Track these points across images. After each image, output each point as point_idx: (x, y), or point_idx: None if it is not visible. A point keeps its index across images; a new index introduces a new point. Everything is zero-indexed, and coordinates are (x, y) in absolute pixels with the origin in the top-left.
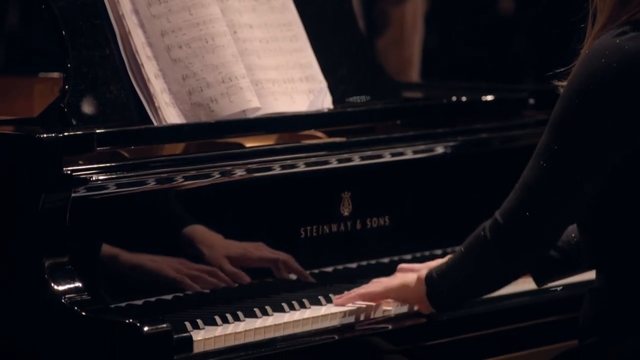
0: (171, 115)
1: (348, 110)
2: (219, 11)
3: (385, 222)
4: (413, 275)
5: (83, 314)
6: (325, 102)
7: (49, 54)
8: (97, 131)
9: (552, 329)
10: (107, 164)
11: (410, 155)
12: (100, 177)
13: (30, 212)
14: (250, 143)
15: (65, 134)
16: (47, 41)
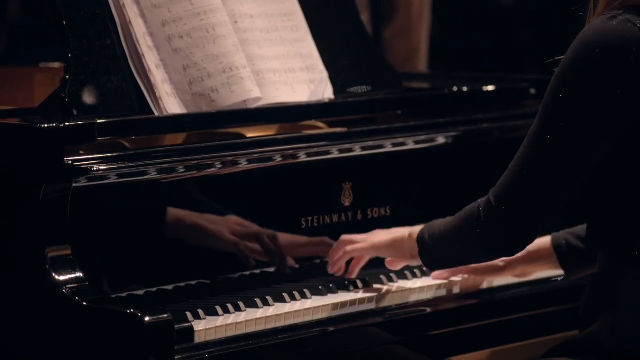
0: (172, 105)
1: (349, 100)
2: (220, 1)
3: (386, 212)
4: (403, 232)
5: (84, 304)
6: (326, 93)
7: (49, 44)
8: (98, 121)
9: (553, 319)
10: (109, 154)
11: (411, 146)
12: (102, 168)
13: (32, 202)
14: (251, 133)
15: (67, 124)
16: (48, 31)
